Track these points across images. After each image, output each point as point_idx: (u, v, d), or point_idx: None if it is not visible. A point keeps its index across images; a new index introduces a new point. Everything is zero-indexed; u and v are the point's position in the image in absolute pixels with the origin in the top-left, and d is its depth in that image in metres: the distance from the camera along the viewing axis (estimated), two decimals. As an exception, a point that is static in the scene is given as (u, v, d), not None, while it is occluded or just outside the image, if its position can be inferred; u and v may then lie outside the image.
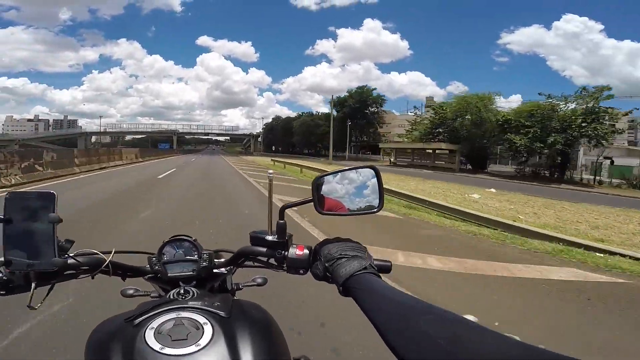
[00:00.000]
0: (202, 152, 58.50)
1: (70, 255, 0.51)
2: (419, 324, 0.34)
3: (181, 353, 0.40)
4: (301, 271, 0.54)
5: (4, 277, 0.48)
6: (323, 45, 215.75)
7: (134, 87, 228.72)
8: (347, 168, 0.60)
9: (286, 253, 0.55)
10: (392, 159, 32.90)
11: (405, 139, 32.88)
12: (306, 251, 0.54)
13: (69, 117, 66.23)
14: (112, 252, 0.55)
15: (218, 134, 75.40)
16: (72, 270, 0.51)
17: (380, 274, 0.46)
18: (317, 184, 0.58)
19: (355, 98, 43.34)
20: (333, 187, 0.60)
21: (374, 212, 0.60)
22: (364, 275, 0.45)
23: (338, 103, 44.30)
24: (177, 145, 66.33)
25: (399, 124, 49.53)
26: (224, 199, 6.52)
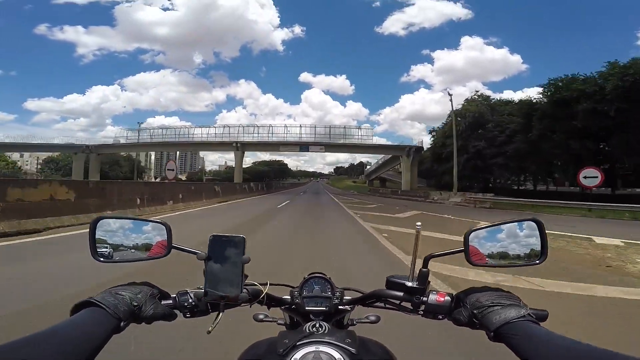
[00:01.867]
0: (299, 192, 38.22)
1: (246, 288, 0.67)
2: None
3: None
4: (440, 317, 0.65)
5: (192, 303, 0.64)
6: (419, 71, 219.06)
7: (254, 125, 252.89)
8: (502, 222, 0.69)
9: (425, 299, 0.66)
10: None
11: None
12: (448, 298, 0.64)
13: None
14: (267, 285, 0.72)
15: (325, 145, 47.02)
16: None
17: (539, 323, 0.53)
18: (470, 236, 0.69)
19: None
20: (487, 239, 0.69)
21: (535, 264, 0.68)
22: (522, 322, 0.50)
23: None
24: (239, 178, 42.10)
25: None
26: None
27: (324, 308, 0.72)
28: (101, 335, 0.48)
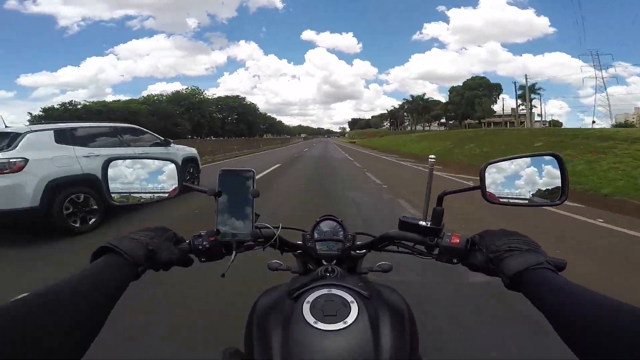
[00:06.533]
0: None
1: (259, 227, 0.65)
2: (619, 322, 0.35)
3: (331, 329, 0.49)
4: (454, 260, 0.62)
5: (207, 246, 0.61)
6: (433, 29, 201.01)
7: (257, 86, 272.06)
8: (520, 155, 0.65)
9: (439, 240, 0.63)
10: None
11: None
12: (463, 240, 0.61)
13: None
14: (280, 227, 0.69)
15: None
16: (252, 242, 0.65)
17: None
18: (487, 171, 0.65)
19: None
20: (505, 175, 0.65)
21: (556, 205, 0.64)
22: (539, 270, 0.48)
23: None
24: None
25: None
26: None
27: (336, 252, 0.72)
28: (119, 282, 0.47)
